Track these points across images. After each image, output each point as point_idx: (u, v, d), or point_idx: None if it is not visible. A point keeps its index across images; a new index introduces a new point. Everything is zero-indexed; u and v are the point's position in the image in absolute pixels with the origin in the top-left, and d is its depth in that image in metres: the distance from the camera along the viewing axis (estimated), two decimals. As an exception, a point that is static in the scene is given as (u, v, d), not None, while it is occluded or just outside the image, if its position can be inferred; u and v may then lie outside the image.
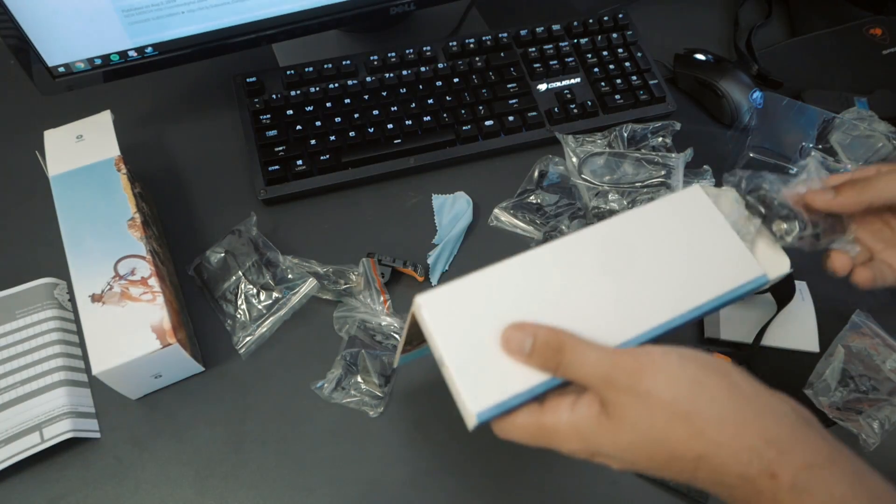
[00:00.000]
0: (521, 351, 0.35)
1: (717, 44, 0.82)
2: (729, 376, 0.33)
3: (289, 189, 0.64)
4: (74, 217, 0.54)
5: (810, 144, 0.64)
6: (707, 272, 0.40)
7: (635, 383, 0.32)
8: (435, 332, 0.36)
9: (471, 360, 0.35)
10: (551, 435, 0.34)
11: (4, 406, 0.52)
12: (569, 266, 0.38)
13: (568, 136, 0.66)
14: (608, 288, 0.38)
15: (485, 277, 0.37)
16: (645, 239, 0.40)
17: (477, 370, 0.35)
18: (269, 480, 0.52)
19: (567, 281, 0.38)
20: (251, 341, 0.57)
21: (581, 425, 0.33)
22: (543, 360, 0.34)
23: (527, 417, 0.35)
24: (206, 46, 0.63)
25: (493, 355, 0.35)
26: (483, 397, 0.35)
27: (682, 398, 0.32)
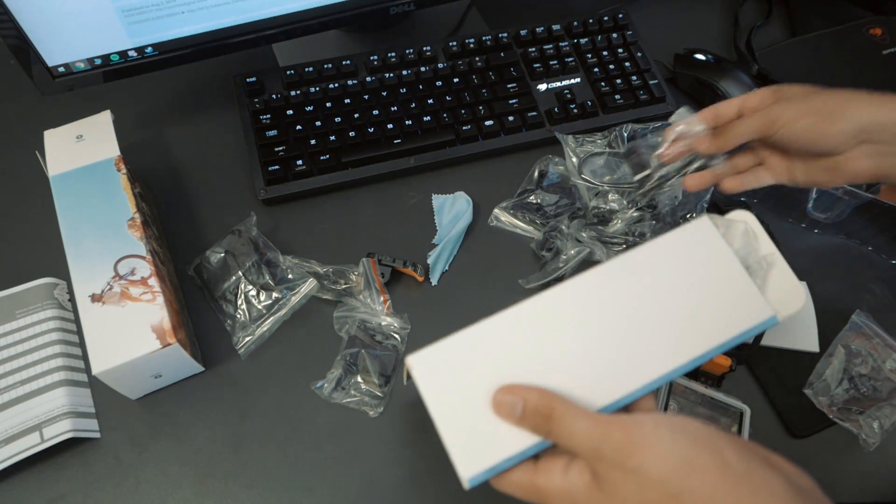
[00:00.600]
0: (511, 415, 0.35)
1: (717, 44, 0.82)
2: (721, 453, 0.32)
3: (289, 189, 0.64)
4: (74, 217, 0.54)
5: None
6: (713, 316, 0.38)
7: (625, 459, 0.32)
8: (426, 395, 0.36)
9: (462, 423, 0.35)
10: (545, 496, 0.34)
11: (4, 406, 0.52)
12: (564, 317, 0.38)
13: (568, 136, 0.66)
14: (608, 338, 0.37)
15: (476, 333, 0.37)
16: (647, 282, 0.39)
17: (468, 434, 0.35)
18: (269, 480, 0.52)
19: (563, 333, 0.37)
20: (251, 341, 0.57)
21: (573, 492, 0.33)
22: (534, 426, 0.34)
23: (521, 476, 0.35)
24: (206, 46, 0.63)
25: (484, 416, 0.35)
26: (474, 462, 0.35)
27: (673, 477, 0.31)
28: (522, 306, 0.38)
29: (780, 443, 0.55)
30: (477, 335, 0.37)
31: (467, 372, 0.36)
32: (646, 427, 0.33)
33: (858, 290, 0.62)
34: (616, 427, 0.33)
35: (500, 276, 0.62)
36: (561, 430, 0.34)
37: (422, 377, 0.36)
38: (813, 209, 0.65)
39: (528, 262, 0.63)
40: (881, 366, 0.55)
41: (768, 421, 0.56)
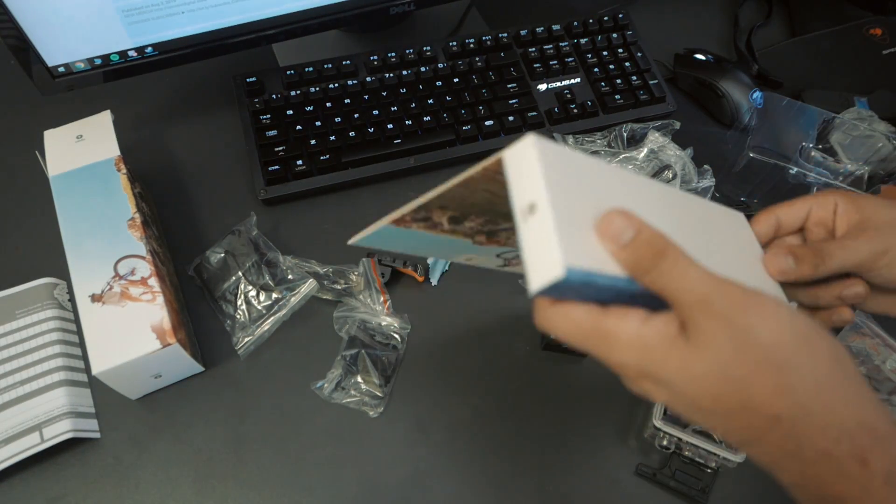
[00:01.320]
0: (616, 239, 0.29)
1: (717, 44, 0.82)
2: (838, 349, 0.29)
3: (289, 189, 0.64)
4: (74, 217, 0.54)
5: (810, 144, 0.64)
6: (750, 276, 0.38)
7: (737, 314, 0.28)
8: (539, 173, 0.29)
9: (572, 216, 0.29)
10: (608, 339, 0.30)
11: (4, 406, 0.52)
12: (656, 201, 0.34)
13: (568, 137, 0.66)
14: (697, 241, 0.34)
15: (593, 160, 0.32)
16: (715, 224, 0.38)
17: (575, 228, 0.29)
18: (269, 480, 0.52)
19: (664, 217, 0.33)
20: (250, 342, 0.57)
21: (649, 339, 0.29)
22: (637, 258, 0.29)
23: (586, 313, 0.30)
24: (206, 46, 0.63)
25: (586, 228, 0.30)
26: (578, 255, 0.28)
27: (783, 347, 0.28)
28: (632, 175, 0.35)
29: (780, 443, 0.55)
30: (594, 162, 0.32)
31: (579, 182, 0.31)
32: (767, 297, 0.29)
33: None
34: (736, 286, 0.29)
35: (500, 276, 0.62)
36: (672, 268, 0.29)
37: (540, 155, 0.29)
38: (813, 209, 0.65)
39: (528, 262, 0.63)
40: (881, 366, 0.55)
41: (768, 421, 0.56)
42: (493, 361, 0.58)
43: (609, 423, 0.56)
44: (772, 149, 0.64)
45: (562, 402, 0.56)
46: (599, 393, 0.57)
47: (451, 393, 0.56)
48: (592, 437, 0.55)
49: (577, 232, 0.29)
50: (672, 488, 0.52)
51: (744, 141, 0.65)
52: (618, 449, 0.54)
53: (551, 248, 0.28)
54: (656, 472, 0.52)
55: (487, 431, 0.55)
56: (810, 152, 0.64)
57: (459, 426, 0.55)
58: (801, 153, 0.64)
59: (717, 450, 0.50)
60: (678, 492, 0.52)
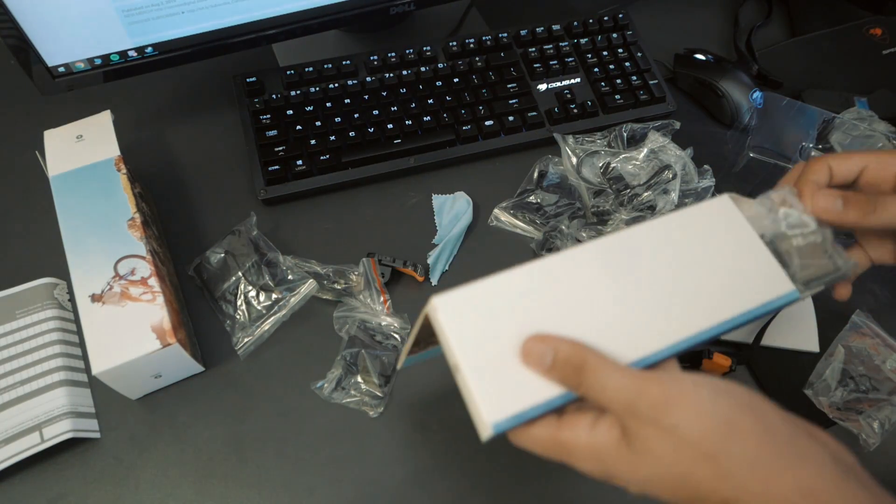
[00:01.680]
0: (541, 364, 0.33)
1: (717, 44, 0.82)
2: (764, 417, 0.31)
3: (289, 189, 0.64)
4: (74, 217, 0.54)
5: (810, 144, 0.64)
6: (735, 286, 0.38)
7: (661, 416, 0.30)
8: (451, 336, 0.34)
9: (487, 367, 0.34)
10: (568, 451, 0.33)
11: (4, 406, 0.52)
12: (589, 274, 0.37)
13: (568, 136, 0.66)
14: (631, 298, 0.36)
15: (502, 281, 0.36)
16: (670, 248, 0.39)
17: (494, 378, 0.33)
18: (269, 480, 0.52)
19: (587, 289, 0.36)
20: (250, 342, 0.57)
21: (599, 448, 0.32)
22: (564, 377, 0.33)
23: (544, 430, 0.33)
24: (206, 46, 0.63)
25: (510, 364, 0.34)
26: (500, 407, 0.33)
27: (711, 437, 0.30)
28: (549, 260, 0.37)
29: (780, 443, 0.55)
30: (503, 283, 0.36)
31: (493, 319, 0.35)
32: (685, 385, 0.31)
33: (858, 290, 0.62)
34: (653, 382, 0.31)
35: (500, 276, 0.62)
36: (593, 382, 0.32)
37: (447, 319, 0.34)
38: (813, 209, 0.65)
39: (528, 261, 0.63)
40: (881, 366, 0.55)
41: (768, 421, 0.56)
42: (493, 361, 0.58)
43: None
44: (772, 149, 0.64)
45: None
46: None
47: (451, 393, 0.56)
48: (592, 437, 0.55)
49: (500, 378, 0.33)
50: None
51: (744, 141, 0.65)
52: (618, 449, 0.54)
53: (478, 409, 0.33)
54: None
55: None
56: (810, 152, 0.64)
57: (459, 426, 0.55)
58: (801, 153, 0.64)
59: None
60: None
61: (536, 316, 0.35)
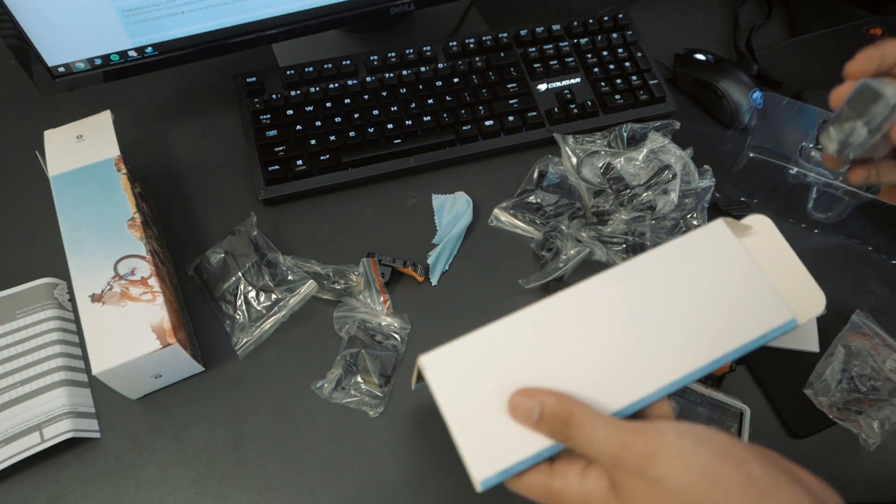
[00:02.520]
0: (528, 419, 0.34)
1: (717, 44, 0.82)
2: (745, 466, 0.32)
3: (289, 189, 0.64)
4: (74, 217, 0.54)
5: (810, 144, 0.64)
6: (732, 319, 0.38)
7: (646, 468, 0.31)
8: (439, 396, 0.35)
9: (475, 424, 0.35)
10: (560, 500, 0.34)
11: (4, 406, 0.52)
12: (579, 319, 0.37)
13: (568, 137, 0.66)
14: (622, 341, 0.37)
15: (489, 334, 0.37)
16: (662, 284, 0.38)
17: (482, 435, 0.35)
18: (269, 480, 0.52)
19: (578, 335, 0.37)
20: (249, 342, 0.57)
21: (589, 497, 0.33)
22: (551, 430, 0.34)
23: (536, 478, 0.35)
24: (206, 46, 0.63)
25: (498, 418, 0.35)
26: (488, 464, 0.34)
27: (695, 489, 0.31)
28: (535, 308, 0.38)
29: (779, 443, 0.55)
30: (490, 336, 0.37)
31: (481, 373, 0.36)
32: (668, 436, 0.32)
33: (858, 290, 0.62)
34: (637, 435, 0.32)
35: (500, 276, 0.62)
36: (580, 436, 0.33)
37: (435, 378, 0.36)
38: (813, 209, 0.65)
39: (528, 262, 0.63)
40: (881, 366, 0.55)
41: (768, 421, 0.56)
42: (493, 361, 0.58)
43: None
44: (772, 149, 0.64)
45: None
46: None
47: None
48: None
49: (488, 434, 0.35)
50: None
51: (744, 141, 0.65)
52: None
53: (467, 466, 0.34)
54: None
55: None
56: (810, 152, 0.64)
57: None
58: (801, 153, 0.64)
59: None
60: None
61: (522, 368, 0.36)
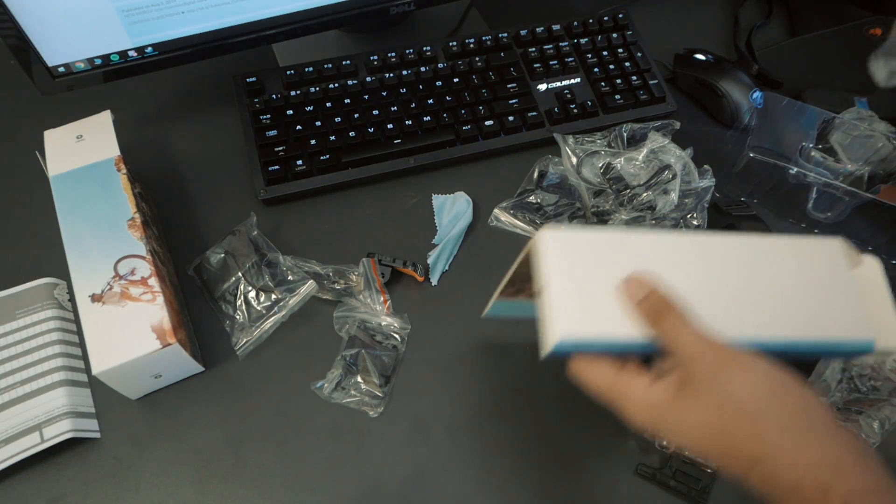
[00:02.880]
0: (633, 297, 0.36)
1: (717, 44, 0.82)
2: (806, 398, 0.34)
3: (289, 189, 0.64)
4: (74, 217, 0.54)
5: (810, 144, 0.64)
6: (822, 314, 0.40)
7: (718, 372, 0.34)
8: (548, 257, 0.37)
9: (574, 292, 0.37)
10: (623, 398, 0.36)
11: (4, 406, 0.52)
12: (687, 258, 0.39)
13: (568, 137, 0.66)
14: (728, 292, 0.39)
15: (610, 236, 0.39)
16: (772, 263, 0.40)
17: (576, 303, 0.37)
18: (269, 480, 0.52)
19: (682, 269, 0.38)
20: (249, 343, 0.57)
21: (653, 400, 0.35)
22: (648, 313, 0.36)
23: (605, 370, 0.37)
24: (206, 46, 0.63)
25: (595, 297, 0.37)
26: (572, 327, 0.36)
27: (756, 400, 0.33)
28: (654, 234, 0.40)
29: (780, 443, 0.55)
30: (609, 238, 0.39)
31: (591, 260, 0.38)
32: (748, 355, 0.35)
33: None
34: (722, 344, 0.35)
35: (500, 276, 0.62)
36: (672, 325, 0.35)
37: (550, 243, 0.37)
38: (813, 209, 0.65)
39: (528, 262, 0.63)
40: (881, 366, 0.55)
41: (768, 421, 0.56)
42: (493, 361, 0.58)
43: (609, 423, 0.55)
44: (772, 149, 0.64)
45: (561, 401, 0.56)
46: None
47: (451, 393, 0.56)
48: (592, 437, 0.55)
49: (582, 306, 0.37)
50: (672, 488, 0.52)
51: (744, 141, 0.65)
52: (617, 449, 0.54)
53: (552, 322, 0.36)
54: (656, 472, 0.52)
55: (487, 431, 0.55)
56: (810, 152, 0.64)
57: (459, 426, 0.55)
58: (801, 153, 0.64)
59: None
60: (678, 492, 0.52)
61: (633, 269, 0.38)
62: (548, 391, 0.57)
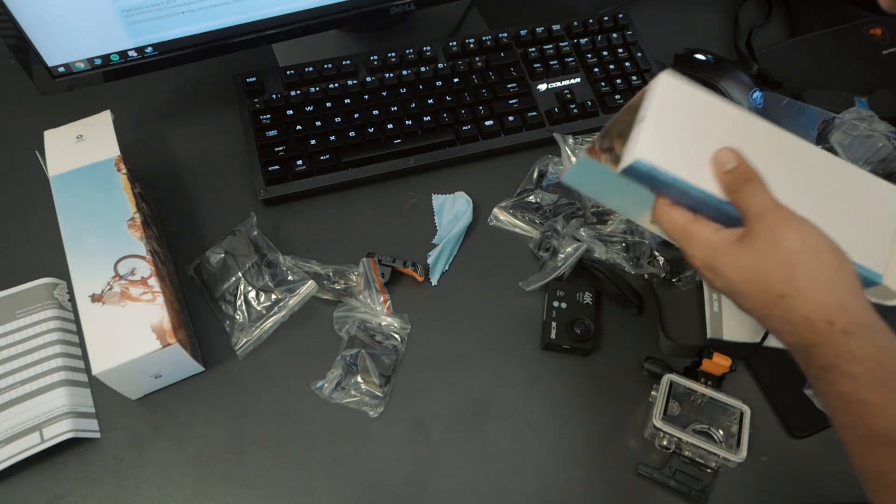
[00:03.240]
0: (720, 167, 0.41)
1: (717, 44, 0.82)
2: (840, 260, 0.40)
3: (289, 189, 0.64)
4: (74, 217, 0.54)
5: (810, 144, 0.64)
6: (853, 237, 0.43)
7: (776, 227, 0.39)
8: (658, 93, 0.42)
9: (667, 130, 0.41)
10: (689, 236, 0.42)
11: (4, 406, 0.52)
12: (773, 150, 0.43)
13: (567, 137, 0.65)
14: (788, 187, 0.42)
15: (721, 105, 0.43)
16: (838, 181, 0.44)
17: (666, 138, 0.41)
18: (269, 480, 0.52)
19: (765, 158, 0.42)
20: (249, 343, 0.57)
21: (716, 241, 0.41)
22: (730, 180, 0.41)
23: (681, 216, 0.42)
24: (206, 46, 0.63)
25: (684, 146, 0.42)
26: (654, 153, 0.40)
27: (798, 253, 0.39)
28: (754, 121, 0.44)
29: (780, 443, 0.55)
30: (716, 106, 0.43)
31: (694, 115, 0.42)
32: (804, 220, 0.40)
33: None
34: (787, 210, 0.40)
35: (500, 275, 0.62)
36: (750, 191, 0.40)
37: (666, 87, 0.42)
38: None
39: (528, 261, 0.63)
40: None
41: (768, 421, 0.56)
42: (493, 361, 0.58)
43: (609, 423, 0.56)
44: (772, 149, 0.64)
45: (561, 401, 0.56)
46: (599, 393, 0.57)
47: (451, 393, 0.56)
48: (592, 437, 0.55)
49: (670, 145, 0.41)
50: (672, 488, 0.52)
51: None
52: (618, 449, 0.54)
53: (637, 143, 0.41)
54: (656, 472, 0.52)
55: (487, 431, 0.55)
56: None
57: (459, 426, 0.55)
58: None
59: (717, 450, 0.50)
60: (678, 492, 0.52)
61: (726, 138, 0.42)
62: (547, 391, 0.57)
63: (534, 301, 0.61)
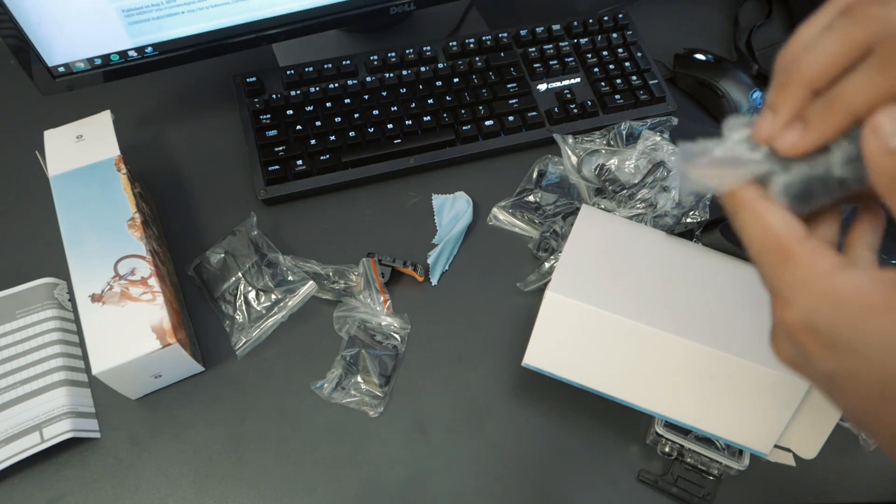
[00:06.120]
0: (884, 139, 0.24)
1: (717, 44, 0.82)
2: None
3: (289, 189, 0.64)
4: (74, 217, 0.54)
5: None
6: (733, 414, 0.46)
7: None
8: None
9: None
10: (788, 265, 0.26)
11: (4, 406, 0.52)
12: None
13: (567, 137, 0.65)
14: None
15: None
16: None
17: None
18: (269, 480, 0.52)
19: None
20: (248, 343, 0.57)
21: (842, 290, 0.25)
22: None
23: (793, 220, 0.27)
24: (206, 46, 0.63)
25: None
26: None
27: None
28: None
29: (780, 443, 0.55)
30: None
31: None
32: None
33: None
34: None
35: (500, 275, 0.62)
36: None
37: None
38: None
39: (527, 261, 0.63)
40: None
41: (768, 421, 0.56)
42: (493, 361, 0.58)
43: (611, 429, 0.55)
44: (772, 149, 0.64)
45: (563, 405, 0.56)
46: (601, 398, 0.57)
47: (451, 393, 0.56)
48: (594, 442, 0.55)
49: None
50: (674, 495, 0.52)
51: (744, 141, 0.65)
52: (619, 454, 0.54)
53: None
54: (658, 479, 0.52)
55: (487, 432, 0.55)
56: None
57: (459, 426, 0.55)
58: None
59: (719, 457, 0.50)
60: (680, 499, 0.52)
61: None
62: (549, 394, 0.57)
63: (534, 301, 0.61)
